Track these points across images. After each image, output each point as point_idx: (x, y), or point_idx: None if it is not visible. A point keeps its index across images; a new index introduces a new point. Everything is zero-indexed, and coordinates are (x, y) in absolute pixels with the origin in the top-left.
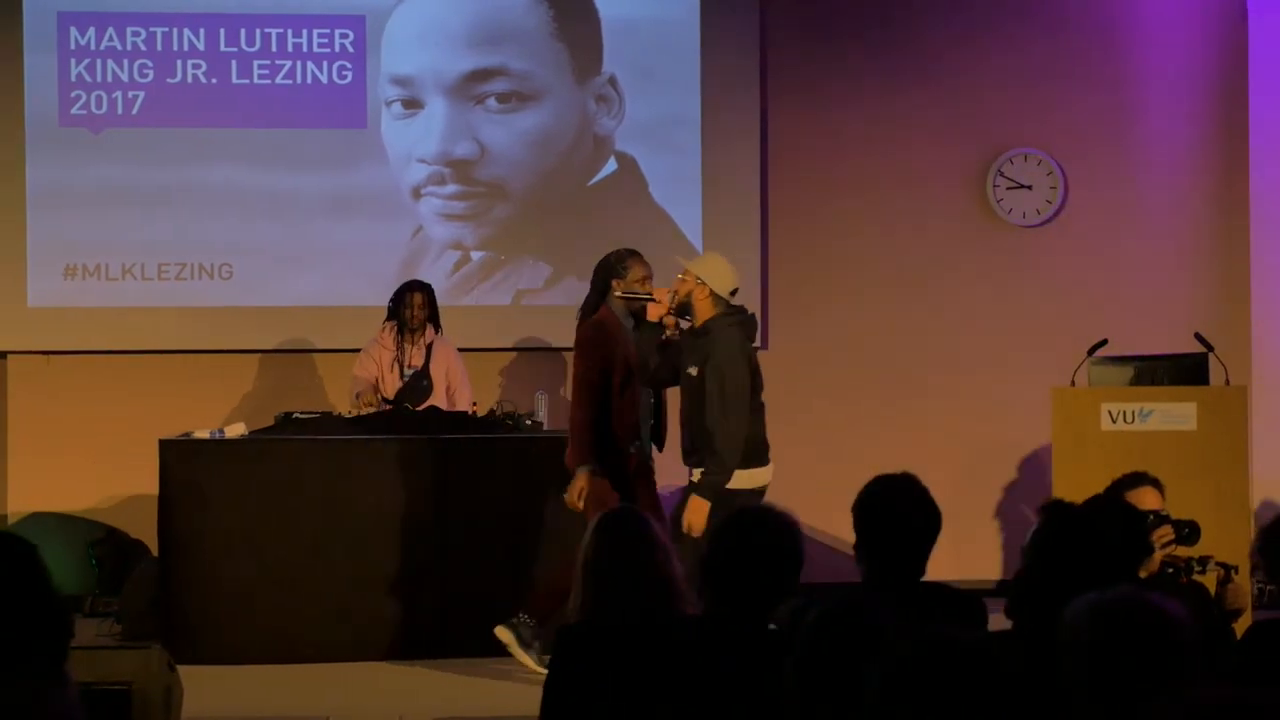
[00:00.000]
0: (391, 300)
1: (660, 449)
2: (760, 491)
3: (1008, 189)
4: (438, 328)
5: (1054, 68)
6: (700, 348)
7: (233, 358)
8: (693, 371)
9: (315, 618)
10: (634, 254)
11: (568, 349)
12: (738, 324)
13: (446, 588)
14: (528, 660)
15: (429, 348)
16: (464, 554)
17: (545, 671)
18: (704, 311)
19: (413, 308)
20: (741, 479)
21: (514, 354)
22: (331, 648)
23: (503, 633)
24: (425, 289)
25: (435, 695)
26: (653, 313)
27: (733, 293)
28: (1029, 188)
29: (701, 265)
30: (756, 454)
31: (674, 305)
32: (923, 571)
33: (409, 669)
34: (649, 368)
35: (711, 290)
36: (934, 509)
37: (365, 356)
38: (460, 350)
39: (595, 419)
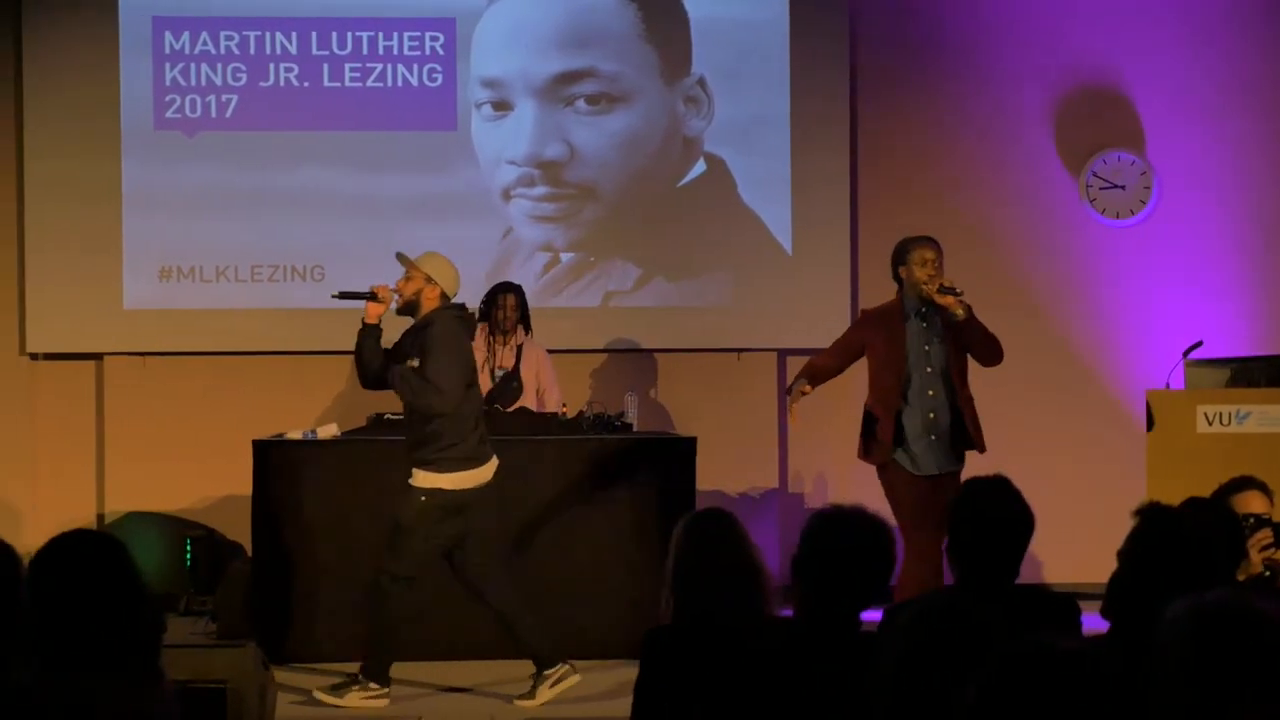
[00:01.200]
0: (483, 302)
1: (981, 449)
2: (485, 489)
3: (1101, 188)
4: (528, 329)
5: (1148, 67)
6: (420, 340)
7: (326, 359)
8: (413, 364)
9: (406, 617)
10: (922, 238)
11: (657, 350)
12: (457, 317)
13: (533, 587)
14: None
15: (519, 349)
16: (553, 554)
17: None
18: (429, 310)
19: (504, 309)
20: (464, 479)
21: (604, 355)
22: (423, 646)
23: None
24: (516, 290)
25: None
26: (372, 313)
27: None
28: (1122, 187)
29: (430, 264)
30: (479, 454)
31: (400, 304)
32: (1016, 573)
33: (500, 668)
34: (367, 370)
35: (441, 290)
36: (1027, 511)
37: None
38: (549, 351)
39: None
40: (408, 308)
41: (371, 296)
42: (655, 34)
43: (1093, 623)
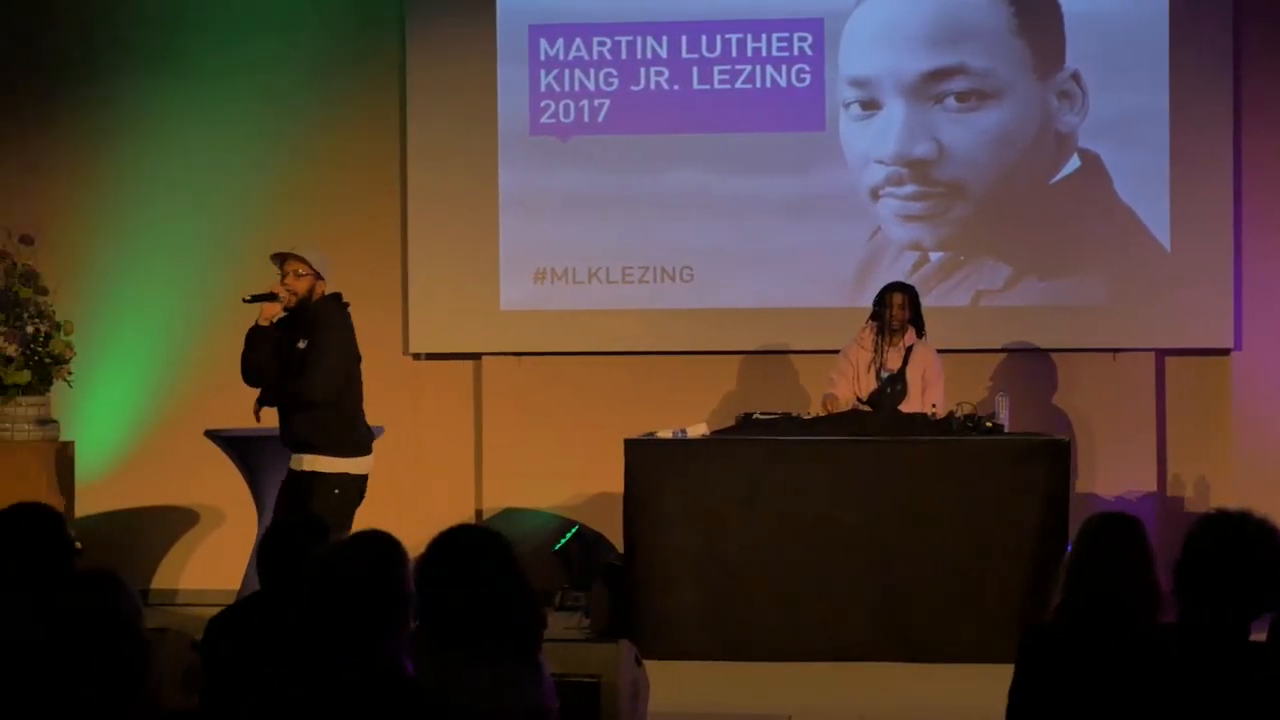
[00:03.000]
0: (875, 301)
1: None
2: (364, 479)
3: None
4: (920, 331)
5: None
6: (308, 323)
7: (695, 358)
8: (302, 346)
9: (775, 617)
10: None
11: (1029, 349)
12: (343, 306)
13: (904, 589)
14: None
15: (908, 351)
16: (920, 556)
17: None
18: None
19: (893, 308)
20: (352, 465)
21: (974, 355)
22: (792, 647)
23: None
24: (907, 290)
25: (896, 696)
26: (270, 314)
27: None
28: None
29: (318, 259)
30: (365, 442)
31: (295, 302)
32: None
33: (870, 670)
34: (260, 368)
35: (324, 286)
36: None
37: (842, 358)
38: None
39: None
40: (300, 303)
41: (273, 297)
42: (1027, 28)
43: None
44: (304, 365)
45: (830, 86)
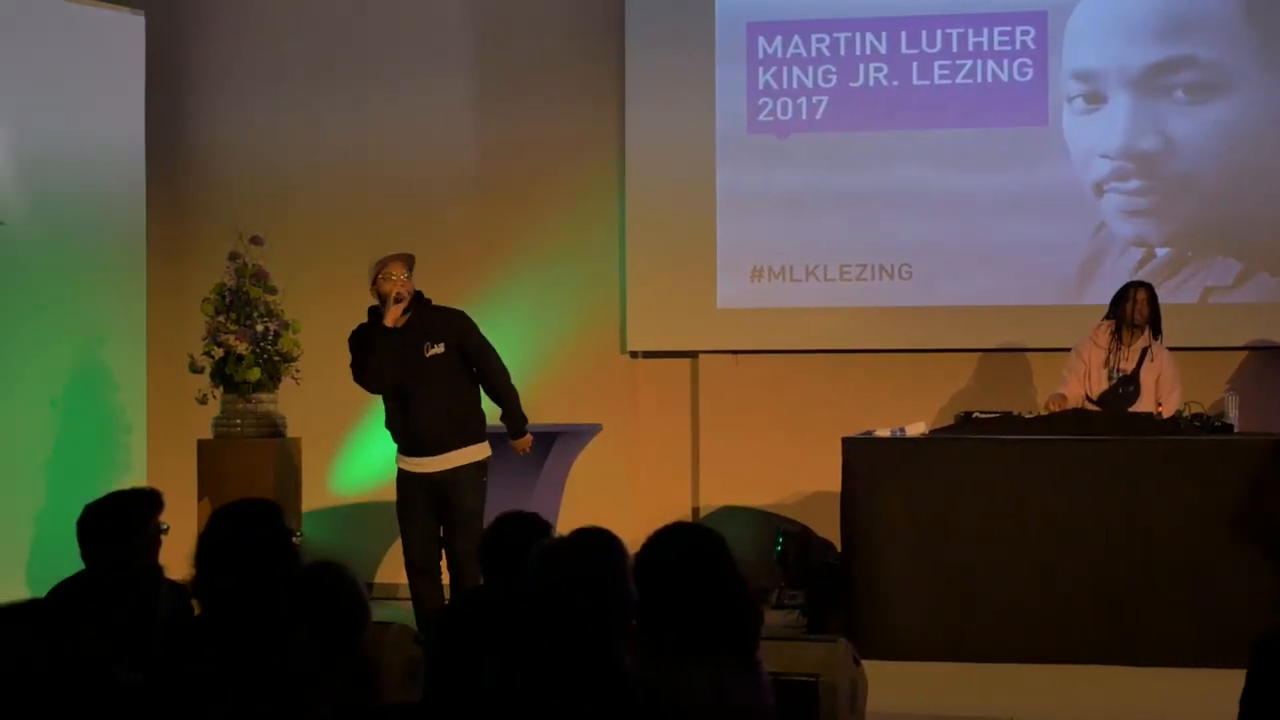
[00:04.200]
0: (1114, 299)
1: None
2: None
3: None
4: (1157, 332)
5: None
6: (439, 328)
7: (914, 356)
8: (439, 349)
9: (995, 618)
10: None
11: (1260, 347)
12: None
13: (1128, 591)
14: None
15: (1144, 352)
16: (1145, 557)
17: None
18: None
19: (1135, 301)
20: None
21: (1203, 354)
22: (1013, 649)
23: None
24: (1148, 288)
25: (1120, 700)
26: (394, 317)
27: None
28: None
29: (409, 262)
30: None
31: (406, 304)
32: None
33: (1094, 672)
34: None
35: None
36: None
37: (1074, 355)
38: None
39: None
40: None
41: (400, 299)
42: (1259, 18)
43: None
44: (482, 361)
45: (1053, 80)
